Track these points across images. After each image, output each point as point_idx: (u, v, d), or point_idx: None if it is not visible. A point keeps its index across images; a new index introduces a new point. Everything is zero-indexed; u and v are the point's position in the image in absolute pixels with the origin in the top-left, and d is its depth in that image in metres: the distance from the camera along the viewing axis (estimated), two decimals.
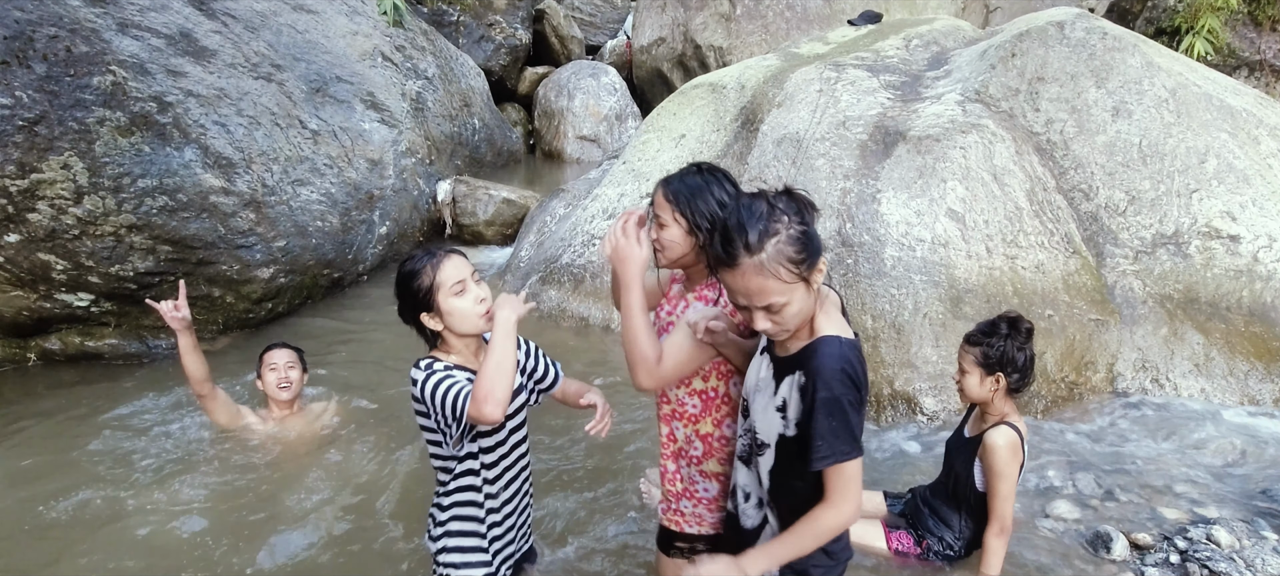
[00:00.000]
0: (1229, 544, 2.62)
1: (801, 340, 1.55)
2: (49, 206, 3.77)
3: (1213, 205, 4.07)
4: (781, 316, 1.45)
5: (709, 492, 1.99)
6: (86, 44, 3.98)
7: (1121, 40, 4.47)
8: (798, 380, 1.52)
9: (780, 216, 1.41)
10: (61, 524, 2.87)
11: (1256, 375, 3.72)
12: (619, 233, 1.80)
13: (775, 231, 1.40)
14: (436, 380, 1.78)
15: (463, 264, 1.87)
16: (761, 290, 1.41)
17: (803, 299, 1.46)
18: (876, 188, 4.17)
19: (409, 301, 1.85)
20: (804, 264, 1.42)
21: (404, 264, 1.89)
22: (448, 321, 1.83)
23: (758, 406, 1.65)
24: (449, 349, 1.88)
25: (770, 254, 1.39)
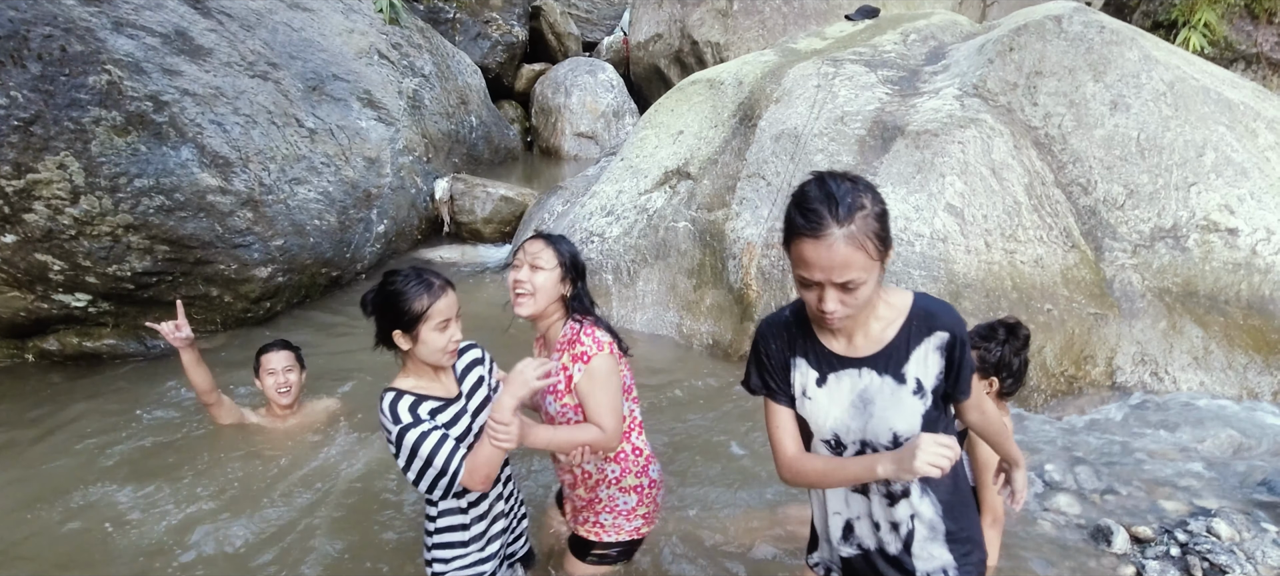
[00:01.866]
0: (1229, 536, 2.63)
1: (884, 321, 1.53)
2: (45, 207, 3.76)
3: (1211, 198, 4.08)
4: (854, 297, 1.41)
5: (628, 505, 2.23)
6: (81, 43, 3.96)
7: (1119, 34, 4.47)
8: (936, 342, 1.51)
9: (863, 192, 1.40)
10: (60, 524, 2.86)
11: (1255, 368, 3.72)
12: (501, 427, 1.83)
13: (862, 205, 1.38)
14: (419, 433, 1.81)
15: (454, 301, 1.91)
16: (846, 263, 1.37)
17: (875, 283, 1.43)
18: (875, 183, 4.16)
19: (392, 317, 1.85)
20: (883, 242, 1.41)
21: (399, 281, 1.87)
22: (418, 348, 1.86)
23: (875, 416, 1.55)
24: (410, 369, 1.91)
25: (859, 226, 1.36)
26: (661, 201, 5.03)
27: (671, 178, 5.12)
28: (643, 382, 4.02)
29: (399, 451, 1.83)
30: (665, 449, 3.37)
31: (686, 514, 2.91)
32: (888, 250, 1.43)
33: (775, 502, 2.98)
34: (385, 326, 1.88)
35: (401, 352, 1.90)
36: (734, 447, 3.39)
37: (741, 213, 4.52)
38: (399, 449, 1.83)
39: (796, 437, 1.65)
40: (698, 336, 4.49)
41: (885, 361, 1.54)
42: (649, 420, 3.60)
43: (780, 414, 1.64)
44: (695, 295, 4.61)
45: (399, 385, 1.91)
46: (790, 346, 1.61)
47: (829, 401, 1.58)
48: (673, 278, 4.72)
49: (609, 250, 4.97)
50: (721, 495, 3.03)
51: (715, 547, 2.72)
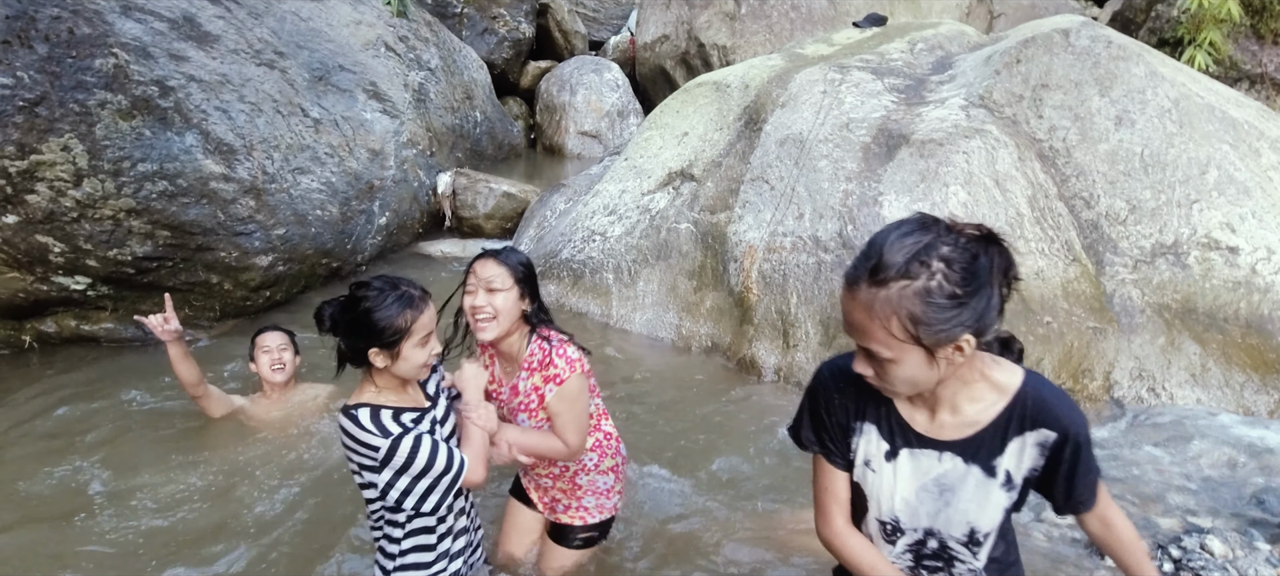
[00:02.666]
0: (1222, 553, 2.63)
1: (981, 403, 1.30)
2: (48, 188, 3.75)
3: (1213, 216, 4.08)
4: (885, 373, 1.22)
5: (607, 484, 2.35)
6: (89, 26, 3.96)
7: (1126, 49, 4.48)
8: (1037, 438, 1.28)
9: (936, 261, 1.13)
10: (55, 507, 2.86)
11: (1252, 386, 3.73)
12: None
13: (914, 273, 1.13)
14: (416, 438, 1.73)
15: (434, 313, 1.85)
16: (864, 329, 1.19)
17: (919, 366, 1.20)
18: (878, 190, 4.17)
19: (371, 335, 1.72)
20: (929, 329, 1.14)
21: (375, 296, 1.74)
22: (396, 365, 1.76)
23: (953, 507, 1.36)
24: (379, 382, 1.80)
25: (891, 296, 1.14)
26: (664, 202, 5.04)
27: (675, 179, 5.13)
28: (642, 383, 4.04)
29: (388, 463, 1.72)
30: (664, 450, 3.37)
31: (687, 516, 2.91)
32: (941, 341, 1.16)
33: (772, 506, 2.98)
34: (359, 345, 1.74)
35: (370, 369, 1.78)
36: (731, 450, 3.39)
37: (744, 216, 4.52)
38: (390, 460, 1.71)
39: (846, 508, 1.45)
40: (697, 338, 4.49)
41: (974, 450, 1.32)
42: (647, 421, 3.61)
43: (832, 476, 1.45)
44: (695, 297, 4.61)
45: (370, 400, 1.79)
46: (859, 407, 1.39)
47: (897, 480, 1.38)
48: (673, 279, 4.73)
49: (610, 249, 4.97)
50: (720, 498, 3.03)
51: (716, 550, 2.72)
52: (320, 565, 2.58)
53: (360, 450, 1.75)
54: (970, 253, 1.15)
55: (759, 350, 4.16)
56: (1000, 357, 1.33)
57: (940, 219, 1.19)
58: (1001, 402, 1.30)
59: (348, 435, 1.76)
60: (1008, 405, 1.29)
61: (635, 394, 3.91)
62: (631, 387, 3.98)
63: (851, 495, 1.45)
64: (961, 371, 1.26)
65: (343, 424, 1.77)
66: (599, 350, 4.49)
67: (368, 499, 1.86)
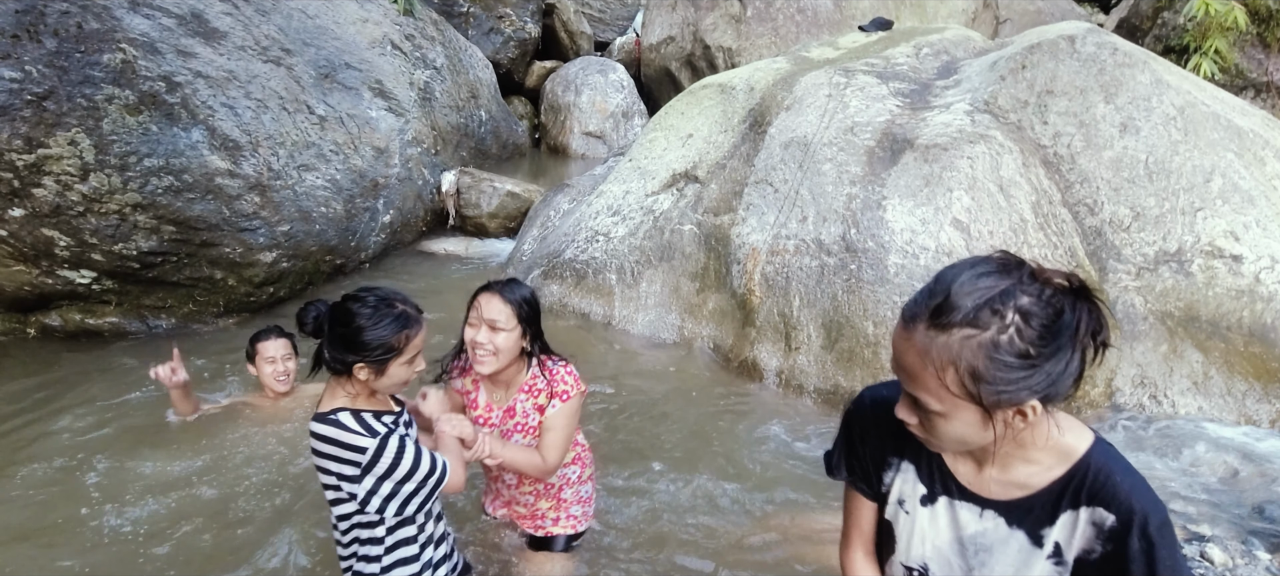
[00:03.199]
0: (1223, 562, 2.63)
1: (1036, 465, 1.14)
2: (54, 182, 3.77)
3: (1217, 224, 4.08)
4: (930, 425, 1.10)
5: (589, 492, 2.48)
6: (97, 21, 3.98)
7: (1132, 56, 4.47)
8: (1094, 517, 1.10)
9: (1012, 313, 0.99)
10: (58, 501, 2.87)
11: (1254, 395, 3.72)
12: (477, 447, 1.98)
13: (983, 323, 0.99)
14: (401, 438, 1.70)
15: (424, 334, 1.78)
16: (913, 375, 1.06)
17: (971, 425, 1.07)
18: (882, 194, 4.17)
19: (361, 351, 1.66)
20: (990, 388, 1.01)
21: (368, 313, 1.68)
22: (379, 382, 1.72)
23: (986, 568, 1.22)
24: (354, 390, 1.74)
25: (952, 344, 1.00)
26: (668, 203, 5.04)
27: (679, 180, 5.13)
28: (643, 385, 4.05)
29: (372, 467, 1.65)
30: (664, 452, 3.37)
31: (686, 519, 2.92)
32: (1002, 402, 1.02)
33: (772, 509, 2.98)
34: (346, 358, 1.68)
35: (350, 378, 1.71)
36: (731, 453, 3.39)
37: (747, 218, 4.53)
38: (375, 463, 1.64)
39: (868, 539, 1.37)
40: (699, 339, 4.49)
41: (1021, 515, 1.17)
42: (648, 422, 3.61)
43: (860, 505, 1.36)
44: (698, 298, 4.62)
45: (347, 404, 1.72)
46: (898, 443, 1.26)
47: (930, 528, 1.26)
48: (676, 280, 4.73)
49: (613, 250, 4.98)
50: (719, 501, 3.03)
51: (716, 552, 2.73)
52: (313, 563, 2.59)
53: (341, 455, 1.66)
54: (1054, 308, 1.00)
55: (761, 353, 4.17)
56: (1073, 420, 1.16)
57: (1025, 262, 1.04)
58: (1059, 469, 1.13)
59: (326, 441, 1.67)
60: (1066, 473, 1.12)
61: (636, 395, 3.92)
62: (633, 388, 3.98)
63: (880, 531, 1.35)
64: (1021, 435, 1.11)
65: (319, 431, 1.68)
66: (601, 350, 4.49)
67: (341, 515, 1.77)
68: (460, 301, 2.17)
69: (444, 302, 5.01)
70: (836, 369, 3.92)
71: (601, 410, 3.71)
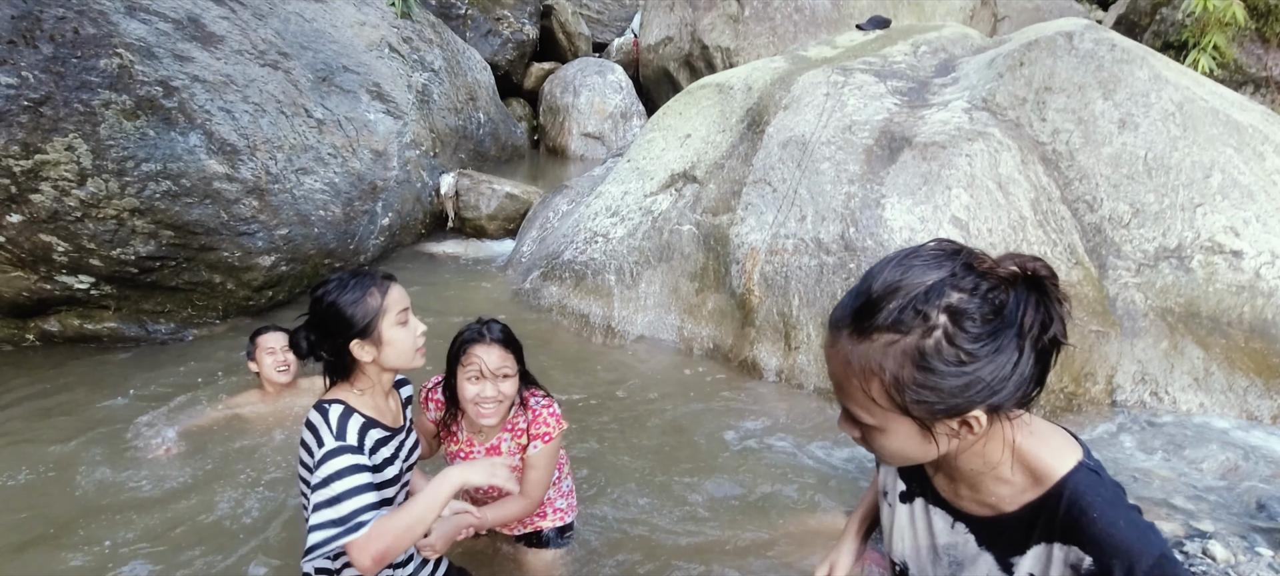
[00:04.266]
0: (1224, 559, 2.62)
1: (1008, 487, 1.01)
2: (52, 188, 3.77)
3: (1216, 220, 4.07)
4: (869, 438, 0.99)
5: (569, 486, 2.52)
6: (94, 26, 3.97)
7: (1130, 53, 4.47)
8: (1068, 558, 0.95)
9: (939, 314, 0.87)
10: (57, 504, 2.87)
11: (1255, 391, 3.71)
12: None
13: (906, 326, 0.87)
14: (352, 464, 1.56)
15: (404, 292, 1.75)
16: (840, 386, 0.96)
17: (910, 439, 0.95)
18: (881, 193, 4.16)
19: (345, 325, 1.63)
20: (917, 398, 0.89)
21: (335, 288, 1.67)
22: (382, 352, 1.66)
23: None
24: (362, 386, 1.69)
25: (873, 352, 0.89)
26: (666, 204, 5.04)
27: (677, 181, 5.13)
28: (643, 386, 4.04)
29: (316, 470, 1.55)
30: (664, 453, 3.37)
31: (687, 519, 2.91)
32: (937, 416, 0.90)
33: (773, 509, 2.98)
34: (340, 341, 1.65)
35: (356, 369, 1.68)
36: (732, 453, 3.39)
37: (746, 218, 4.52)
38: (321, 465, 1.55)
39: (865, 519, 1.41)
40: (698, 340, 4.49)
41: (991, 536, 1.04)
42: (648, 423, 3.60)
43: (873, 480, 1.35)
44: (697, 299, 4.61)
45: (346, 399, 1.67)
46: None
47: (908, 526, 1.18)
48: (675, 280, 4.73)
49: (613, 251, 4.97)
50: (719, 500, 3.03)
51: (717, 553, 2.72)
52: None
53: (309, 443, 1.61)
54: (993, 303, 0.86)
55: (761, 352, 4.16)
56: (1060, 435, 1.02)
57: (963, 249, 0.91)
58: (1032, 493, 0.99)
59: (308, 426, 1.63)
60: (1037, 500, 0.98)
61: (636, 396, 3.91)
62: (632, 389, 3.98)
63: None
64: (983, 448, 0.98)
65: (310, 417, 1.64)
66: (600, 352, 4.49)
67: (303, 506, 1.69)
68: (461, 304, 2.16)
69: (444, 304, 5.00)
70: None
71: (602, 410, 3.71)
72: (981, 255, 0.90)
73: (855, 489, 3.11)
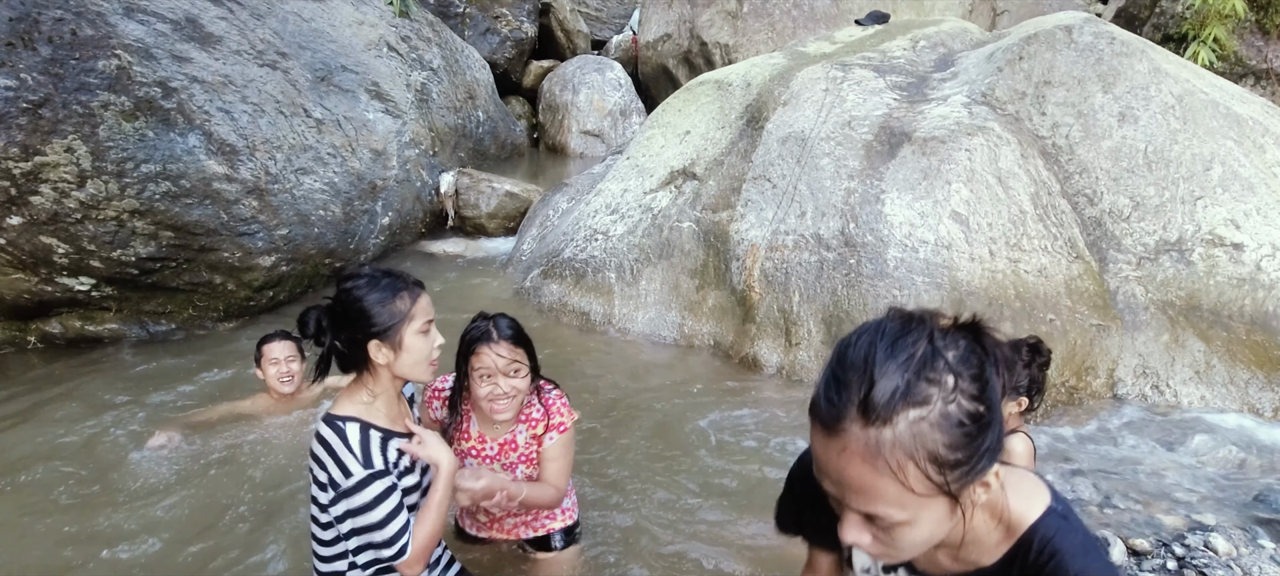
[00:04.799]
0: (1227, 551, 2.62)
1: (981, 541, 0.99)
2: (52, 190, 3.77)
3: (1217, 213, 4.07)
4: (891, 537, 0.89)
5: (570, 483, 2.39)
6: (92, 27, 3.97)
7: (1129, 46, 4.46)
8: None
9: (943, 371, 0.83)
10: (60, 506, 2.87)
11: (1257, 383, 3.71)
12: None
13: (925, 396, 0.82)
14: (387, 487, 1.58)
15: (431, 302, 1.73)
16: (863, 488, 0.85)
17: (941, 521, 0.88)
18: (881, 188, 4.16)
19: (367, 323, 1.61)
20: (958, 468, 0.84)
21: (365, 284, 1.64)
22: (399, 359, 1.63)
23: None
24: (374, 390, 1.67)
25: (902, 435, 0.82)
26: (666, 201, 5.04)
27: (677, 178, 5.12)
28: (644, 383, 4.04)
29: (349, 497, 1.56)
30: (666, 451, 3.37)
31: (689, 518, 2.91)
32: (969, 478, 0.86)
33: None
34: (359, 337, 1.62)
35: (368, 369, 1.65)
36: (733, 450, 3.39)
37: (746, 214, 4.52)
38: (351, 495, 1.56)
39: None
40: (699, 337, 4.49)
41: None
42: (649, 421, 3.61)
43: (817, 557, 1.28)
44: (698, 296, 4.61)
45: (361, 415, 1.64)
46: None
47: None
48: (676, 278, 4.73)
49: (613, 249, 4.97)
50: (721, 498, 3.03)
51: (719, 554, 2.72)
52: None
53: (329, 466, 1.60)
54: (975, 353, 0.86)
55: (762, 349, 4.16)
56: (1029, 481, 1.02)
57: (918, 312, 0.88)
58: (1006, 545, 0.97)
59: (323, 444, 1.61)
60: (1011, 549, 0.97)
61: (637, 394, 3.91)
62: (633, 387, 3.98)
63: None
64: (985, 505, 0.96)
65: (322, 432, 1.62)
66: (601, 349, 4.49)
67: (314, 516, 1.70)
68: (462, 302, 2.15)
69: (445, 303, 5.00)
70: None
71: (603, 409, 3.71)
72: (935, 312, 0.89)
73: None
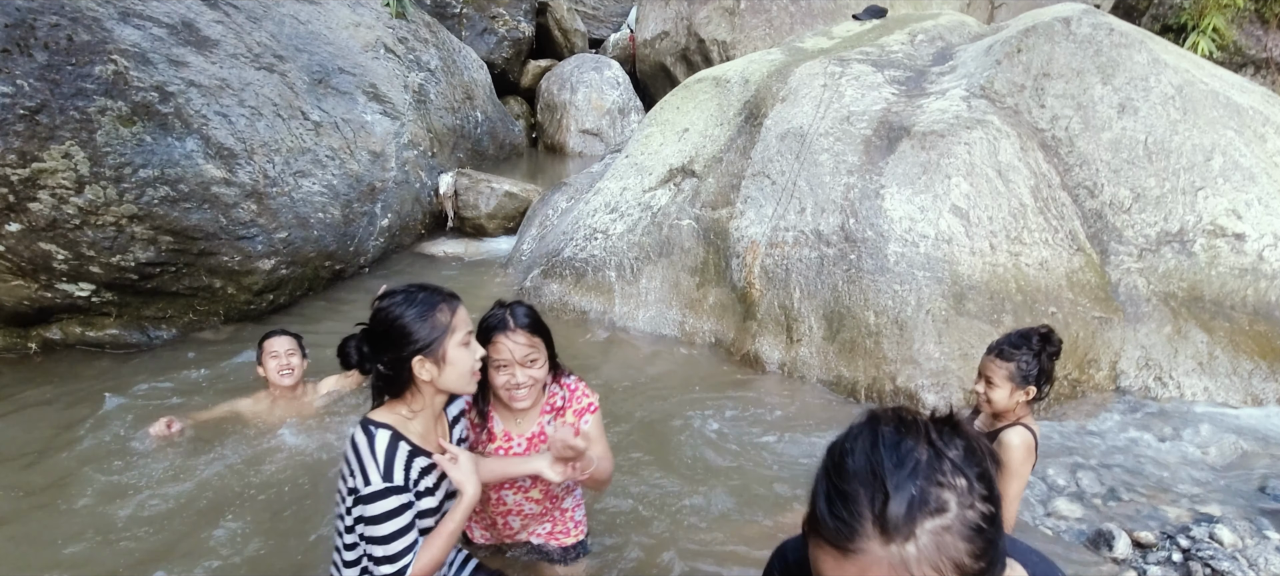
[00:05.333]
0: (1232, 542, 2.61)
1: None
2: (50, 196, 3.76)
3: (1218, 203, 4.05)
4: None
5: (580, 496, 2.41)
6: (88, 32, 3.96)
7: (1128, 36, 4.44)
8: None
9: (953, 474, 0.81)
10: (61, 511, 2.87)
11: (1260, 374, 3.70)
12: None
13: (941, 503, 0.79)
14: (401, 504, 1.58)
15: (468, 314, 1.70)
16: None
17: None
18: (880, 183, 4.15)
19: (409, 340, 1.58)
20: (985, 573, 0.80)
21: (404, 298, 1.61)
22: (444, 374, 1.61)
23: None
24: (415, 406, 1.65)
25: (926, 548, 0.78)
26: (665, 199, 5.03)
27: (676, 175, 5.11)
28: (645, 381, 4.03)
29: (364, 504, 1.57)
30: (668, 449, 3.36)
31: (692, 515, 2.90)
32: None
33: (778, 502, 2.97)
34: (403, 356, 1.59)
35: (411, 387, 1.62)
36: (736, 445, 3.38)
37: (745, 211, 4.51)
38: (366, 504, 1.57)
39: None
40: (700, 334, 4.48)
41: None
42: (651, 420, 3.60)
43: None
44: (698, 293, 4.60)
45: (396, 425, 1.63)
46: None
47: None
48: (676, 275, 4.72)
49: (612, 247, 4.96)
50: (724, 497, 3.02)
51: (724, 551, 2.72)
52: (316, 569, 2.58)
53: (354, 468, 1.61)
54: (968, 444, 0.83)
55: (763, 346, 4.15)
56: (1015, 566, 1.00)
57: (903, 412, 0.85)
58: None
59: (354, 448, 1.62)
60: None
61: (639, 392, 3.90)
62: (635, 386, 3.97)
63: None
64: None
65: (355, 436, 1.62)
66: (602, 348, 4.48)
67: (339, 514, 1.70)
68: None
69: None
70: (839, 359, 3.90)
71: (605, 407, 3.69)
72: (914, 411, 0.87)
73: None
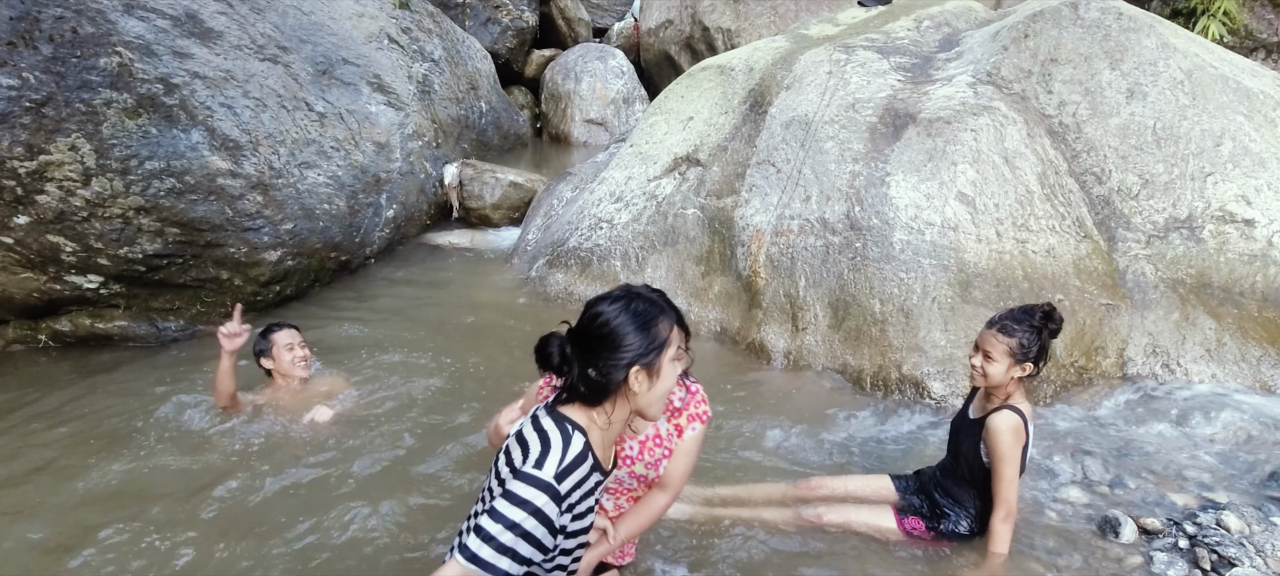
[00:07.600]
0: (1239, 529, 2.61)
1: None
2: (57, 188, 3.78)
3: (1227, 189, 4.02)
4: None
5: None
6: (92, 25, 3.97)
7: (1137, 21, 4.40)
8: None
9: None
10: (73, 502, 2.89)
11: (1269, 361, 3.68)
12: None
13: None
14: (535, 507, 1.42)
15: None
16: None
17: None
18: (886, 171, 4.13)
19: (627, 348, 1.46)
20: None
21: (624, 301, 1.50)
22: (654, 385, 1.50)
23: None
24: (610, 417, 1.52)
25: None
26: (670, 188, 5.02)
27: (681, 164, 5.10)
28: None
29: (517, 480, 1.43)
30: None
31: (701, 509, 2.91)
32: None
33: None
34: (621, 363, 1.46)
35: (615, 398, 1.50)
36: (743, 435, 3.39)
37: (751, 199, 4.50)
38: (519, 482, 1.43)
39: None
40: (706, 323, 4.48)
41: None
42: None
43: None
44: (703, 282, 4.60)
45: (589, 429, 1.52)
46: None
47: None
48: (681, 264, 4.71)
49: (617, 237, 4.96)
50: (733, 483, 3.03)
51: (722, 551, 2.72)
52: (330, 562, 2.60)
53: (530, 453, 1.47)
54: None
55: (768, 334, 4.15)
56: None
57: None
58: None
59: (539, 432, 1.49)
60: None
61: None
62: None
63: None
64: None
65: (543, 421, 1.51)
66: None
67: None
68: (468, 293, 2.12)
69: (452, 295, 5.00)
70: (844, 347, 3.89)
71: None
72: None
73: (870, 468, 3.10)
